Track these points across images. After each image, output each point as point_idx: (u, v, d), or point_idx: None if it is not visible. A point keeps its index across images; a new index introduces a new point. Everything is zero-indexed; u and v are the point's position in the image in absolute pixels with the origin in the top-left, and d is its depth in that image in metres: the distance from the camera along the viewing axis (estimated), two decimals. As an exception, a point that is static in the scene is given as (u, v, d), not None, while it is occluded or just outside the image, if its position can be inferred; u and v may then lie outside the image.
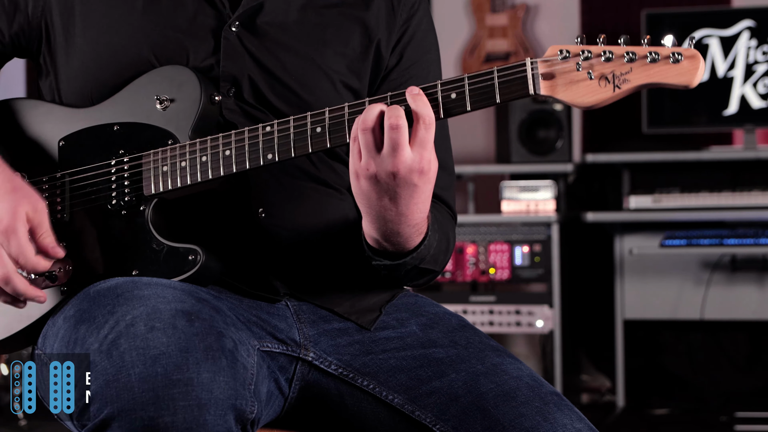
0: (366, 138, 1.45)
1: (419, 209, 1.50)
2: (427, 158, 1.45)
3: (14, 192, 1.54)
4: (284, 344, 1.59)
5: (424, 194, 1.49)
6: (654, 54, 1.40)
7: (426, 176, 1.46)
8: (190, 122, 1.58)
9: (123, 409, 1.31)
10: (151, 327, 1.37)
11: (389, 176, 1.45)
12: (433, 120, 1.46)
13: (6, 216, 1.52)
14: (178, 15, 1.63)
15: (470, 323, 1.66)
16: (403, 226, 1.51)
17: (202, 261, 1.54)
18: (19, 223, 1.52)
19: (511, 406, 1.49)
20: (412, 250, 1.55)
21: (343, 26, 1.68)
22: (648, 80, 1.41)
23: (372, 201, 1.49)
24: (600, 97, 1.42)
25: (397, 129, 1.43)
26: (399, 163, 1.44)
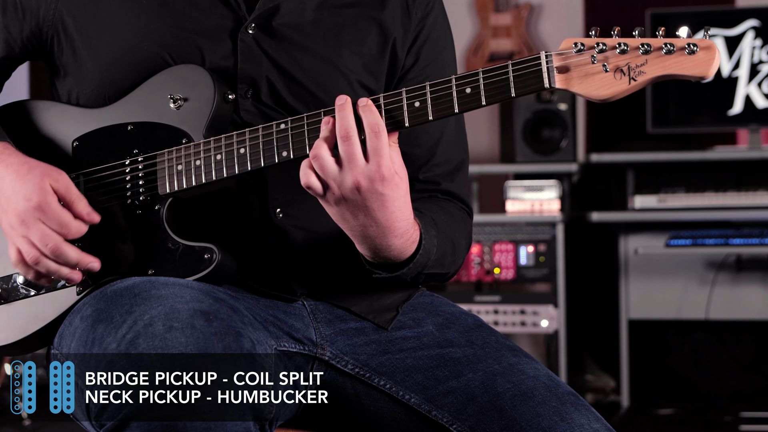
0: (318, 163, 1.45)
1: (397, 218, 1.48)
2: (385, 165, 1.44)
3: (33, 171, 1.55)
4: (301, 344, 1.59)
5: (397, 201, 1.47)
6: (669, 45, 1.39)
7: (390, 183, 1.45)
8: (204, 121, 1.58)
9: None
10: (170, 327, 1.36)
11: (353, 191, 1.44)
12: (381, 127, 1.45)
13: (34, 193, 1.53)
14: (193, 16, 1.63)
15: (486, 323, 1.65)
16: (390, 238, 1.50)
17: (218, 260, 1.54)
18: (49, 196, 1.53)
19: (528, 406, 1.49)
20: (407, 260, 1.54)
21: (359, 26, 1.68)
22: (663, 72, 1.40)
23: (350, 222, 1.48)
24: (616, 89, 1.41)
25: (347, 140, 1.44)
26: (357, 174, 1.43)
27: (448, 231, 1.64)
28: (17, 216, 1.53)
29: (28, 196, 1.53)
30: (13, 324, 1.62)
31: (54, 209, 1.52)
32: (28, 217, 1.52)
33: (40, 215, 1.52)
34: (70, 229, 1.53)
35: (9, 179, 1.55)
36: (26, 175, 1.54)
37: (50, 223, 1.52)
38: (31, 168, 1.55)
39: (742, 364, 4.57)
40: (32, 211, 1.52)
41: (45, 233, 1.52)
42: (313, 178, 1.46)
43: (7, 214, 1.55)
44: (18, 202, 1.53)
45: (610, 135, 4.84)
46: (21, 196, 1.53)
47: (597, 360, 4.76)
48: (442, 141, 1.71)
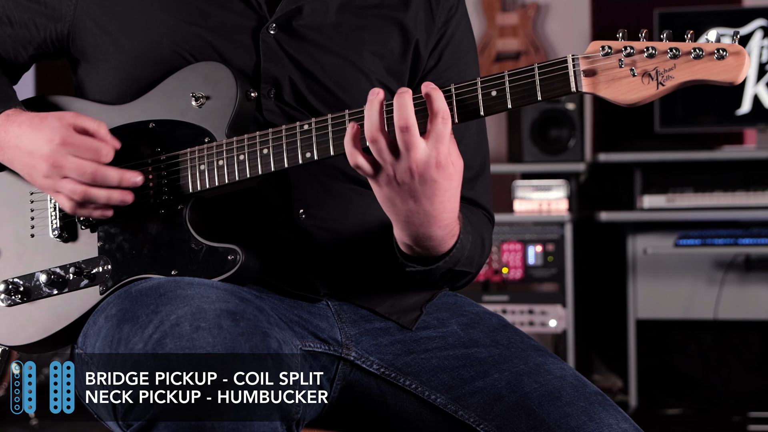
0: (377, 146, 1.43)
1: (446, 208, 1.47)
2: (444, 152, 1.42)
3: (45, 118, 1.57)
4: (326, 344, 1.58)
5: (448, 192, 1.45)
6: (698, 50, 1.37)
7: (445, 171, 1.43)
8: (227, 120, 1.57)
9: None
10: (197, 327, 1.36)
11: (406, 174, 1.42)
12: (449, 115, 1.42)
13: (55, 132, 1.54)
14: (213, 15, 1.62)
15: (510, 323, 1.65)
16: (434, 228, 1.48)
17: (242, 261, 1.53)
18: (69, 130, 1.55)
19: (556, 406, 1.48)
20: (445, 254, 1.54)
21: (381, 27, 1.67)
22: (692, 77, 1.38)
23: (397, 206, 1.47)
24: (643, 94, 1.39)
25: (406, 130, 1.41)
26: (414, 160, 1.41)
27: (479, 230, 1.64)
28: (46, 160, 1.54)
29: (50, 137, 1.54)
30: (36, 323, 1.61)
31: (78, 139, 1.54)
32: (58, 157, 1.54)
33: (68, 149, 1.54)
34: (101, 152, 1.54)
35: (25, 135, 1.57)
36: (40, 123, 1.56)
37: (81, 153, 1.54)
38: (43, 117, 1.57)
39: (750, 364, 4.56)
40: (59, 148, 1.54)
41: (80, 164, 1.53)
42: (361, 157, 1.44)
43: (36, 167, 1.56)
44: (42, 147, 1.54)
45: (618, 135, 4.83)
46: (43, 141, 1.54)
47: (605, 360, 4.76)
48: (462, 146, 1.70)
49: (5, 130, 1.59)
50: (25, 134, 1.57)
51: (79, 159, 1.53)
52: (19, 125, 1.58)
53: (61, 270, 1.61)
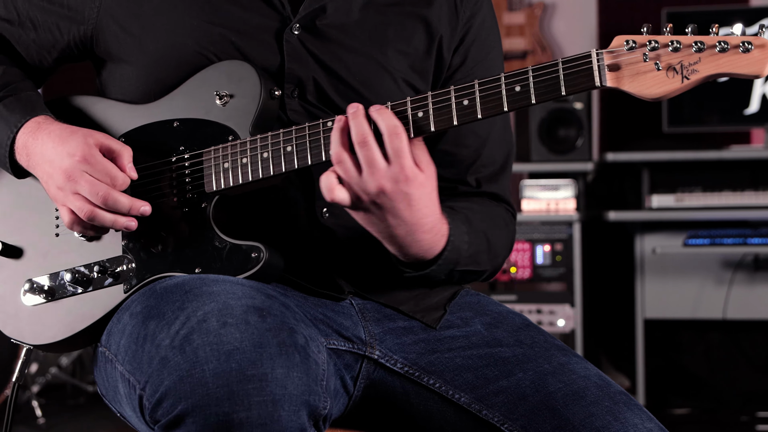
0: (343, 167, 1.44)
1: (424, 214, 1.47)
2: (408, 166, 1.43)
3: (75, 133, 1.57)
4: (350, 342, 1.58)
5: (423, 199, 1.46)
6: (723, 43, 1.36)
7: (414, 182, 1.44)
8: (251, 118, 1.56)
9: (197, 404, 1.30)
10: (224, 323, 1.35)
11: (378, 195, 1.43)
12: (399, 128, 1.43)
13: (78, 148, 1.55)
14: (236, 16, 1.62)
15: (533, 322, 1.65)
16: (418, 234, 1.49)
17: (266, 259, 1.52)
18: (93, 149, 1.55)
19: (580, 405, 1.48)
20: (437, 257, 1.53)
21: (405, 24, 1.67)
22: (717, 70, 1.36)
23: (378, 225, 1.48)
24: (668, 88, 1.38)
25: (365, 145, 1.42)
26: (381, 179, 1.42)
27: (483, 228, 1.63)
28: (63, 173, 1.55)
29: (72, 152, 1.54)
30: (60, 321, 1.61)
31: (99, 160, 1.54)
32: (74, 172, 1.54)
33: (86, 167, 1.54)
34: (117, 179, 1.54)
35: (51, 144, 1.57)
36: (69, 136, 1.56)
37: (97, 174, 1.54)
38: (74, 131, 1.57)
39: (759, 364, 4.56)
40: (78, 164, 1.54)
41: (94, 183, 1.53)
42: (337, 191, 1.45)
43: (53, 177, 1.56)
44: (63, 160, 1.55)
45: (626, 134, 4.83)
46: (65, 154, 1.55)
47: (612, 359, 4.76)
48: (489, 142, 1.70)
49: (34, 137, 1.59)
50: (50, 143, 1.57)
51: (94, 179, 1.54)
52: (49, 134, 1.58)
53: (85, 269, 1.61)
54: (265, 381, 1.30)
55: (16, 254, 1.66)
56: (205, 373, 1.31)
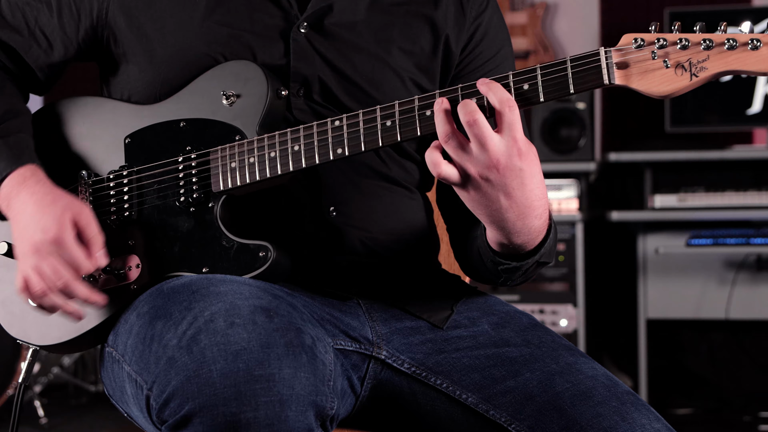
0: (451, 145, 1.40)
1: (537, 195, 1.43)
2: (521, 138, 1.39)
3: (55, 203, 1.54)
4: (357, 342, 1.58)
5: (535, 177, 1.42)
6: (732, 41, 1.36)
7: (527, 157, 1.40)
8: (258, 117, 1.56)
9: (205, 404, 1.29)
10: (231, 323, 1.35)
11: (491, 170, 1.39)
12: (513, 101, 1.40)
13: (53, 226, 1.51)
14: (245, 16, 1.62)
15: (540, 322, 1.64)
16: (530, 218, 1.45)
17: (273, 258, 1.52)
18: (66, 231, 1.51)
19: (588, 405, 1.48)
20: (540, 244, 1.50)
21: (411, 24, 1.67)
22: (726, 68, 1.37)
23: (489, 206, 1.43)
24: (677, 86, 1.38)
25: (475, 124, 1.38)
26: (494, 153, 1.38)
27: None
28: (32, 246, 1.52)
29: (47, 228, 1.51)
30: (66, 323, 1.60)
31: (69, 245, 1.51)
32: (42, 249, 1.51)
33: (55, 249, 1.51)
34: (82, 269, 1.52)
35: (30, 208, 1.54)
36: (48, 206, 1.53)
37: (65, 257, 1.51)
38: (55, 199, 1.54)
39: (761, 364, 4.56)
40: (48, 243, 1.51)
41: (57, 268, 1.51)
42: (444, 166, 1.41)
43: (22, 242, 1.54)
44: (35, 232, 1.52)
45: (628, 134, 4.83)
46: (39, 227, 1.52)
47: (615, 359, 4.76)
48: None
49: (17, 193, 1.56)
50: (30, 207, 1.54)
51: (60, 265, 1.51)
52: (31, 195, 1.55)
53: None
54: (272, 381, 1.30)
55: None
56: (213, 373, 1.30)
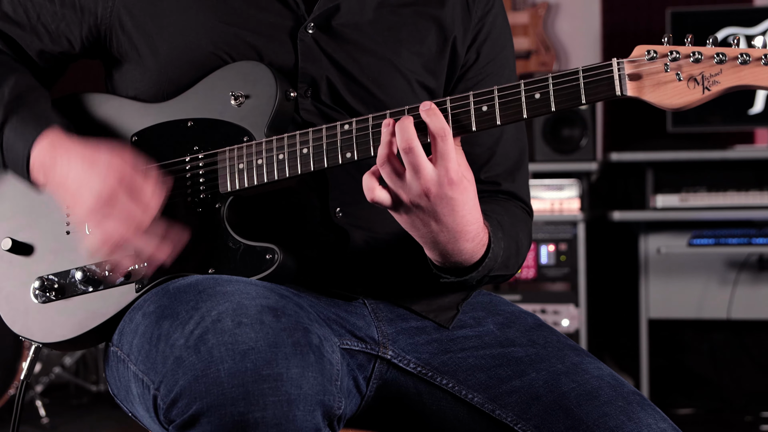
0: (386, 171, 1.43)
1: (468, 221, 1.47)
2: (453, 169, 1.42)
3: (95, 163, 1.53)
4: (363, 342, 1.58)
5: (466, 205, 1.45)
6: (745, 56, 1.36)
7: (459, 186, 1.43)
8: (266, 119, 1.56)
9: (212, 404, 1.29)
10: (239, 322, 1.35)
11: (422, 197, 1.42)
12: (447, 131, 1.42)
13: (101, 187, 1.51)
14: (251, 15, 1.62)
15: (545, 322, 1.65)
16: (462, 242, 1.48)
17: (280, 260, 1.52)
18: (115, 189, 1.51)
19: (594, 405, 1.48)
20: (477, 264, 1.53)
21: (418, 25, 1.67)
22: (738, 82, 1.37)
23: (420, 229, 1.47)
24: (689, 99, 1.38)
25: (410, 152, 1.41)
26: (426, 182, 1.41)
27: (513, 233, 1.63)
28: (89, 211, 1.52)
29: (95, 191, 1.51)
30: (70, 320, 1.61)
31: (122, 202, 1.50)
32: (98, 212, 1.51)
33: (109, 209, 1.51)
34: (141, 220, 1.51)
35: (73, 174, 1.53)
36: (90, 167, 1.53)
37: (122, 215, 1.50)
38: (94, 159, 1.54)
39: (763, 364, 4.56)
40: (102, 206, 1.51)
41: (116, 227, 1.50)
42: (378, 191, 1.44)
43: (78, 210, 1.54)
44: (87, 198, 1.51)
45: (630, 134, 4.83)
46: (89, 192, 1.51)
47: (617, 359, 4.76)
48: (503, 140, 1.70)
49: (51, 163, 1.56)
50: (72, 174, 1.53)
51: (119, 221, 1.50)
52: (68, 161, 1.54)
53: (96, 267, 1.61)
54: (280, 381, 1.30)
55: (27, 251, 1.66)
56: (221, 372, 1.31)
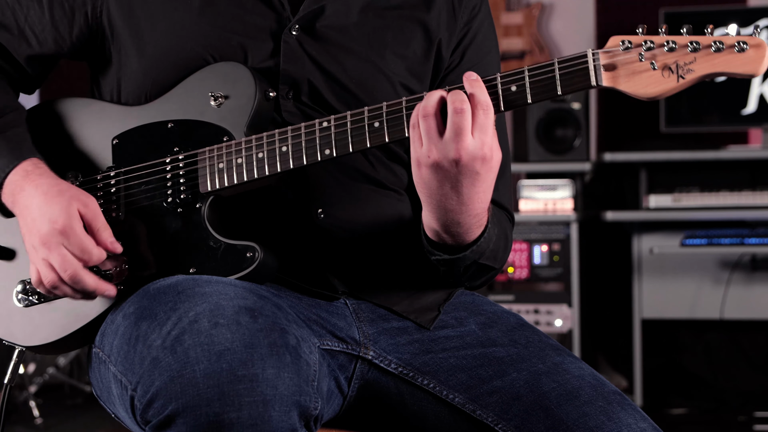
0: (427, 124, 1.43)
1: (480, 199, 1.48)
2: (489, 144, 1.43)
3: (62, 194, 1.54)
4: (344, 342, 1.58)
5: (486, 183, 1.46)
6: (719, 43, 1.38)
7: (489, 164, 1.44)
8: (245, 119, 1.56)
9: (188, 405, 1.30)
10: (215, 323, 1.35)
11: (452, 163, 1.43)
12: (491, 105, 1.44)
13: (60, 216, 1.52)
14: (237, 17, 1.62)
15: (528, 322, 1.65)
16: (464, 215, 1.49)
17: (261, 259, 1.52)
18: (74, 221, 1.52)
19: (574, 405, 1.48)
20: (472, 243, 1.53)
21: (403, 28, 1.67)
22: (712, 70, 1.38)
23: (433, 189, 1.47)
24: (664, 87, 1.40)
25: (461, 113, 1.41)
26: (462, 149, 1.42)
27: (502, 227, 1.64)
28: (40, 238, 1.52)
29: (54, 218, 1.52)
30: (53, 323, 1.61)
31: (77, 234, 1.52)
32: (51, 240, 1.52)
33: (63, 239, 1.51)
34: (92, 256, 1.52)
35: (37, 200, 1.54)
36: (55, 197, 1.54)
37: (72, 249, 1.52)
38: (61, 191, 1.55)
39: (756, 363, 4.56)
40: (56, 234, 1.52)
41: (65, 258, 1.51)
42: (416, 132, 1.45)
43: (31, 235, 1.54)
44: (43, 224, 1.52)
45: (623, 134, 4.83)
46: (47, 219, 1.52)
47: (610, 359, 4.76)
48: None
49: (21, 188, 1.57)
50: (36, 199, 1.54)
51: (68, 253, 1.52)
52: (36, 188, 1.55)
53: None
54: (255, 381, 1.30)
55: (9, 256, 1.66)
56: (196, 373, 1.31)
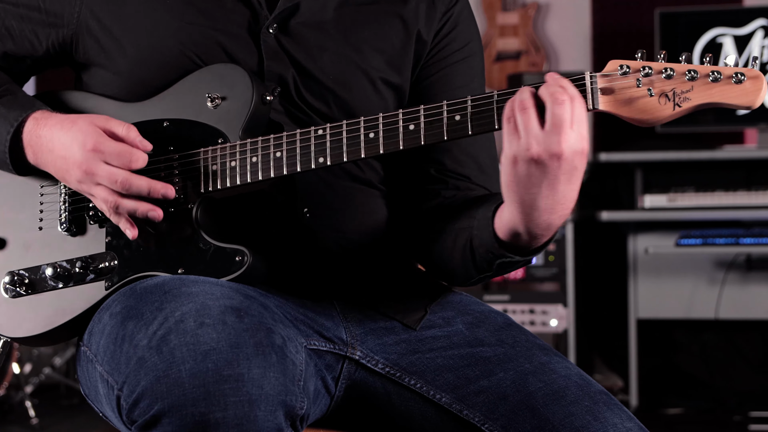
0: (526, 116, 1.36)
1: (570, 197, 1.40)
2: (586, 137, 1.37)
3: (76, 121, 1.56)
4: (331, 342, 1.58)
5: (579, 180, 1.39)
6: (716, 73, 1.38)
7: (585, 158, 1.38)
8: (241, 122, 1.56)
9: (174, 405, 1.30)
10: (201, 323, 1.36)
11: (553, 159, 1.36)
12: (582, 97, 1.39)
13: (87, 137, 1.54)
14: (216, 16, 1.62)
15: (516, 322, 1.65)
16: (554, 215, 1.41)
17: (250, 262, 1.52)
18: (100, 136, 1.55)
19: (560, 405, 1.48)
20: (546, 242, 1.47)
21: (381, 22, 1.67)
22: (709, 99, 1.38)
23: (526, 187, 1.38)
24: (660, 114, 1.39)
25: (562, 104, 1.35)
26: (563, 142, 1.35)
27: None
28: (80, 167, 1.54)
29: (82, 142, 1.54)
30: (39, 315, 1.61)
31: (109, 145, 1.54)
32: (89, 163, 1.54)
33: (98, 156, 1.53)
34: (131, 155, 1.54)
35: (57, 139, 1.57)
36: (72, 127, 1.56)
37: (111, 159, 1.53)
38: (74, 120, 1.57)
39: (751, 363, 4.57)
40: (90, 155, 1.54)
41: (110, 171, 1.53)
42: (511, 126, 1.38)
43: (70, 173, 1.56)
44: (74, 153, 1.54)
45: (619, 134, 4.83)
46: (76, 147, 1.54)
47: (606, 359, 4.76)
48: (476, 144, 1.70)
49: (36, 135, 1.59)
50: (56, 138, 1.57)
51: (111, 167, 1.53)
52: (50, 128, 1.58)
53: (67, 263, 1.61)
54: (241, 381, 1.30)
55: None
56: (182, 373, 1.31)
